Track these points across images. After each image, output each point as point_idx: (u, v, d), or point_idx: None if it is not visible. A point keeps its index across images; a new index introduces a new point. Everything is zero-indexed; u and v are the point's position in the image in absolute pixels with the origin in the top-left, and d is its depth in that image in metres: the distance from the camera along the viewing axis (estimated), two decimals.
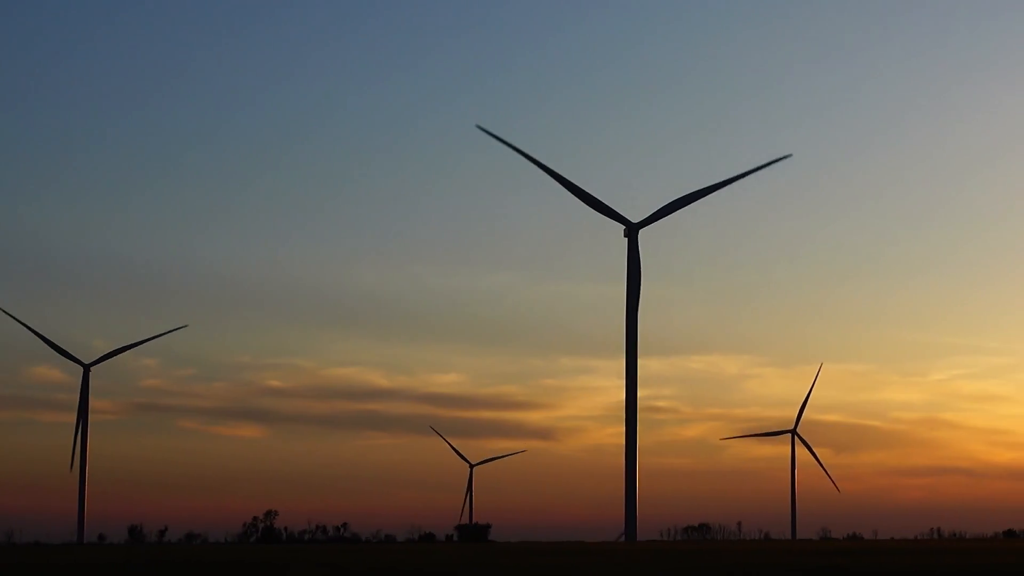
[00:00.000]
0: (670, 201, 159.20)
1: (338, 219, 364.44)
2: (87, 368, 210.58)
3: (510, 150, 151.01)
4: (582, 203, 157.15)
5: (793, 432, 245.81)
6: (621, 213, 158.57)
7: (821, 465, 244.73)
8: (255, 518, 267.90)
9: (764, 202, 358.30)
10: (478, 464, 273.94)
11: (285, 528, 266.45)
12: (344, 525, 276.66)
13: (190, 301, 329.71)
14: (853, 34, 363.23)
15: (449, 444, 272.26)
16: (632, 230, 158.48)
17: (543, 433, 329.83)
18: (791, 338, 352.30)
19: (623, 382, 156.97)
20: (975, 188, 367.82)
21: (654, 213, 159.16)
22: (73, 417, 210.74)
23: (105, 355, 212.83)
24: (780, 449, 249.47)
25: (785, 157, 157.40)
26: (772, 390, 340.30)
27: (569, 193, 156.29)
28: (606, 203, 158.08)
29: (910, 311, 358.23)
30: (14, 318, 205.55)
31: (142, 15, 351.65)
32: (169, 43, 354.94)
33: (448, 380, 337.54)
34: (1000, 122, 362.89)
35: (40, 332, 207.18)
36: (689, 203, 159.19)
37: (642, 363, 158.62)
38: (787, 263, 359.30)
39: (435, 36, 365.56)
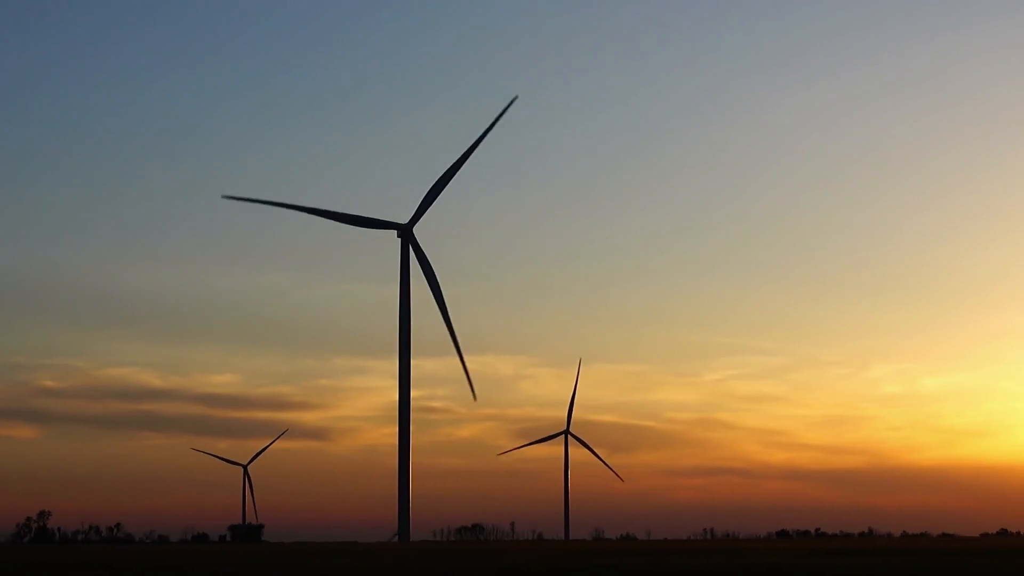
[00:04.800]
0: (429, 190, 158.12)
1: (112, 219, 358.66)
2: None
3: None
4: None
5: (566, 433, 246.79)
6: (389, 220, 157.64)
7: (599, 457, 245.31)
8: (28, 519, 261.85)
9: (540, 204, 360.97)
10: (250, 463, 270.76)
11: (59, 528, 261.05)
12: (118, 525, 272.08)
13: None
14: (629, 37, 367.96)
15: (216, 456, 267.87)
16: (406, 231, 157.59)
17: (317, 433, 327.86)
18: (566, 339, 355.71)
19: (397, 382, 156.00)
20: (750, 192, 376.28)
21: (419, 209, 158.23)
22: None
23: None
24: (554, 450, 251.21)
25: (513, 100, 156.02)
26: (546, 390, 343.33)
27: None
28: (370, 216, 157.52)
29: (685, 312, 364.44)
30: None
31: None
32: None
33: (222, 380, 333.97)
34: (774, 126, 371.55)
35: None
36: (446, 185, 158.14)
37: (416, 363, 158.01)
38: (563, 264, 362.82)
39: (213, 36, 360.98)
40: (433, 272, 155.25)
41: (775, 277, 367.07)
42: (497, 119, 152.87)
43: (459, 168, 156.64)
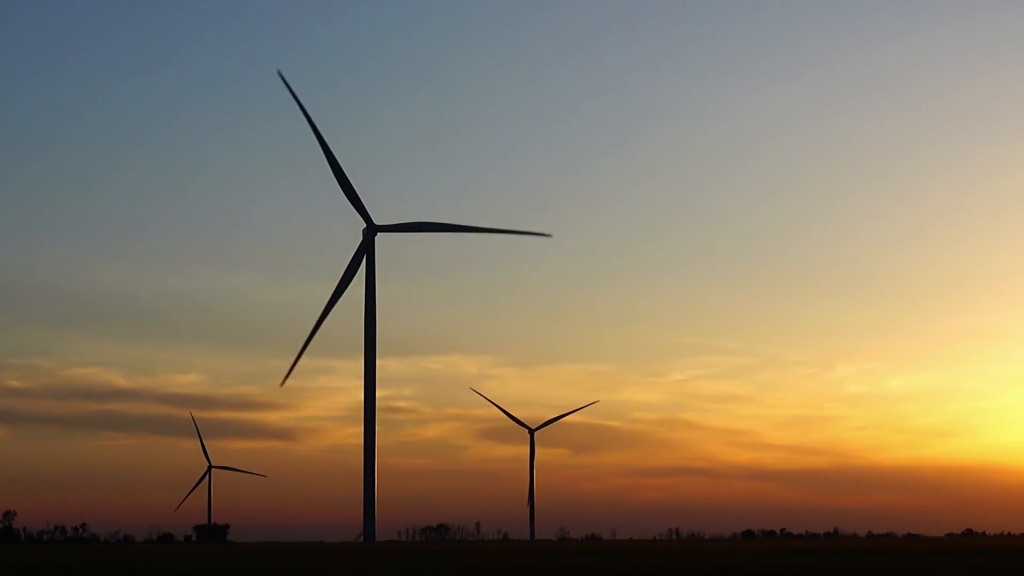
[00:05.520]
0: (417, 222, 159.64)
1: (79, 219, 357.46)
2: None
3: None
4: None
5: (531, 431, 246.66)
6: (368, 212, 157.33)
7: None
8: None
9: (505, 205, 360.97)
10: (218, 467, 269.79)
11: (24, 528, 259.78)
12: (83, 525, 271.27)
13: None
14: (597, 37, 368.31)
15: (200, 440, 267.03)
16: (371, 231, 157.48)
17: (283, 433, 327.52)
18: (531, 339, 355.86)
19: (362, 382, 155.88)
20: (715, 193, 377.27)
21: (398, 224, 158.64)
22: None
23: None
24: (519, 449, 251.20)
25: (545, 235, 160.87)
26: (511, 390, 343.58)
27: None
28: (360, 196, 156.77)
29: (650, 312, 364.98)
30: None
31: None
32: None
33: (188, 380, 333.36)
34: (740, 127, 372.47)
35: None
36: (433, 231, 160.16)
37: (381, 363, 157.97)
38: (528, 264, 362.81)
39: (184, 36, 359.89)
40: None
41: (740, 277, 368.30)
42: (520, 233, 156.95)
43: (459, 231, 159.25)
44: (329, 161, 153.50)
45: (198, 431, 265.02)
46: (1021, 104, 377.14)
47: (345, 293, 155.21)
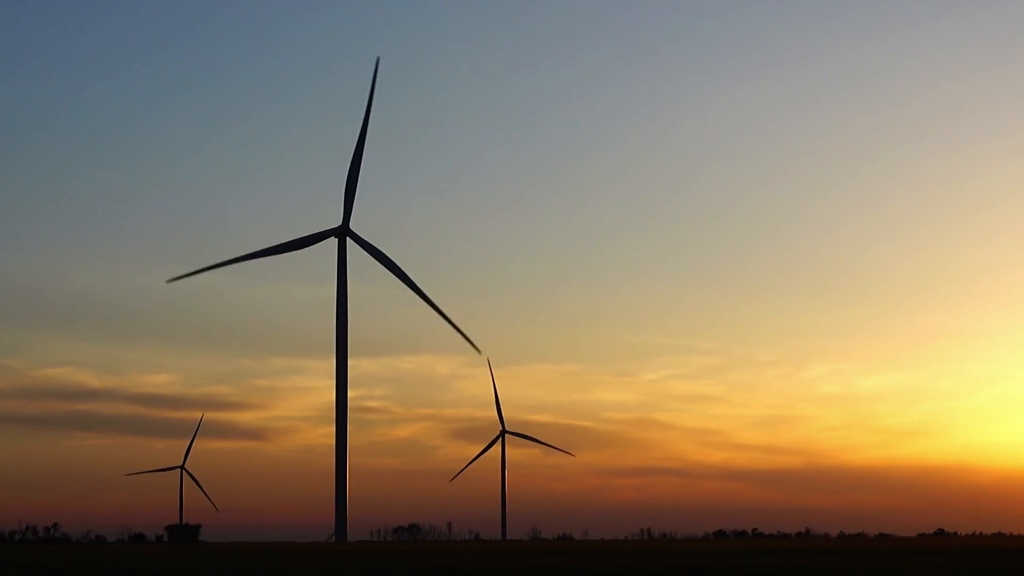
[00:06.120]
0: (345, 187, 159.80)
1: (49, 219, 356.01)
2: None
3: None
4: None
5: (503, 432, 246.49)
6: (322, 230, 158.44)
7: (543, 443, 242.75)
8: None
9: (477, 205, 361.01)
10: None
11: None
12: (55, 525, 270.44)
13: None
14: (569, 38, 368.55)
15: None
16: (341, 233, 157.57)
17: (254, 433, 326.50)
18: (504, 338, 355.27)
19: (334, 382, 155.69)
20: (687, 193, 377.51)
21: (345, 207, 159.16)
22: None
23: None
24: (491, 450, 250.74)
25: (376, 62, 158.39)
26: (484, 390, 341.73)
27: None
28: (303, 235, 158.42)
29: (622, 312, 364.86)
30: None
31: None
32: None
33: (160, 380, 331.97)
34: (712, 129, 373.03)
35: None
36: (358, 175, 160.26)
37: (353, 363, 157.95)
38: (500, 265, 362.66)
39: (155, 36, 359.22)
40: (390, 259, 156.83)
41: (712, 278, 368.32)
42: (372, 91, 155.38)
43: (362, 156, 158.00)
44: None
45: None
46: (993, 104, 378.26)
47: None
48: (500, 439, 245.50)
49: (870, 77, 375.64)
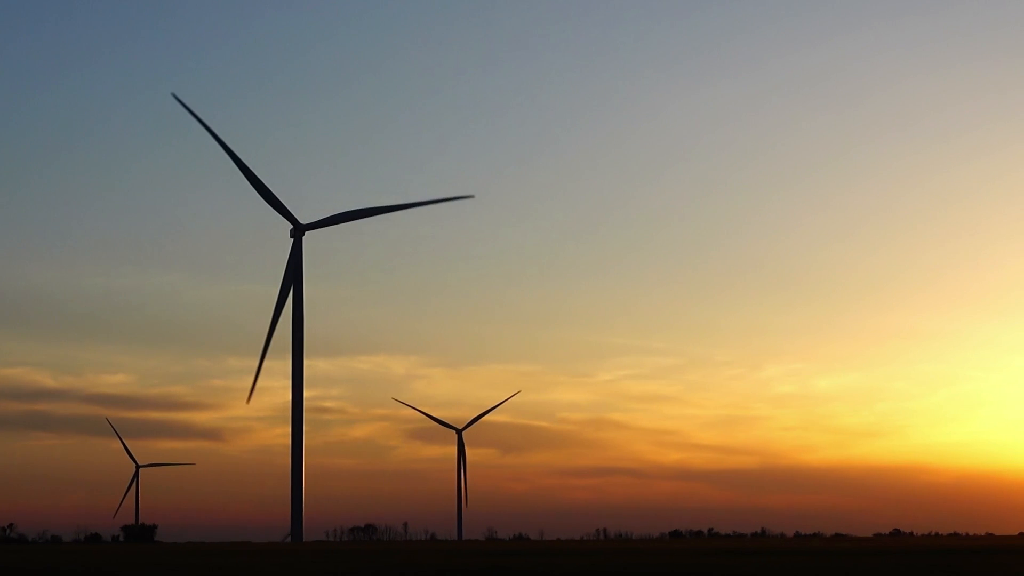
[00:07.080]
0: (341, 212, 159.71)
1: (2, 219, 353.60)
2: None
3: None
4: (253, 198, 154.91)
5: (459, 431, 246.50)
6: (291, 212, 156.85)
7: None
8: None
9: (436, 205, 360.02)
10: (145, 466, 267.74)
11: None
12: (10, 526, 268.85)
13: None
14: (522, 38, 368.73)
15: (122, 441, 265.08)
16: (298, 231, 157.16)
17: (210, 434, 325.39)
18: (459, 339, 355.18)
19: (290, 382, 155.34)
20: (642, 193, 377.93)
21: (323, 219, 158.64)
22: None
23: None
24: (446, 449, 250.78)
25: (468, 197, 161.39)
26: (439, 390, 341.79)
27: (241, 188, 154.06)
28: (279, 198, 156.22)
29: (578, 312, 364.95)
30: None
31: None
32: None
33: (116, 380, 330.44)
34: (665, 129, 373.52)
35: None
36: (360, 217, 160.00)
37: (309, 363, 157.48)
38: (455, 264, 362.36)
39: (116, 31, 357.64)
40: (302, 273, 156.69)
41: (667, 278, 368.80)
42: (440, 201, 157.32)
43: (384, 212, 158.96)
44: (244, 172, 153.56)
45: (117, 433, 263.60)
46: (946, 105, 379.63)
47: (274, 293, 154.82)
48: (456, 436, 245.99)
49: (824, 77, 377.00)
